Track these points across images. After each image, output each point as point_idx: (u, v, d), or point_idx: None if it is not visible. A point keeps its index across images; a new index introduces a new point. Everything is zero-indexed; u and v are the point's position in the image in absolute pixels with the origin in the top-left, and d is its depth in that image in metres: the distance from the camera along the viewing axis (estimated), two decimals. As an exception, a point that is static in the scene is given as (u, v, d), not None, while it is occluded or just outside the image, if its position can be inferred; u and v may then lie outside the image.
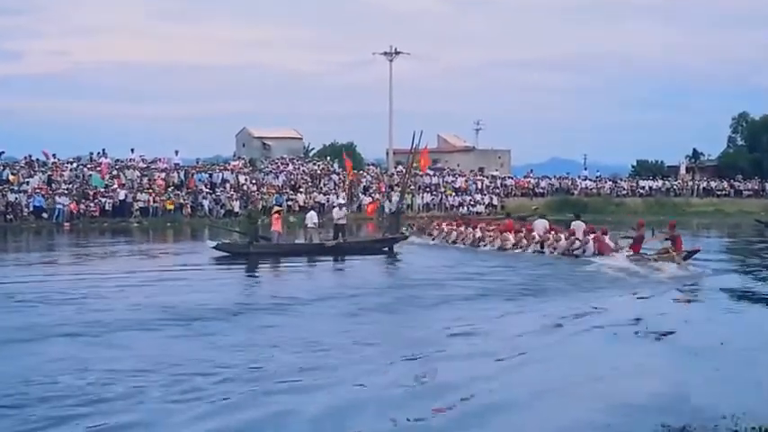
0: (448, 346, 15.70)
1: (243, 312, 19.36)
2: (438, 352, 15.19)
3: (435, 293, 22.73)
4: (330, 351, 14.96)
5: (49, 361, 13.97)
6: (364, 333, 16.98)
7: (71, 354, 14.51)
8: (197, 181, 60.35)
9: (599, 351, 15.69)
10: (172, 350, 14.94)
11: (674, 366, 14.66)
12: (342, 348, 15.20)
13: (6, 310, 19.40)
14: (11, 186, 52.36)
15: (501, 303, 21.22)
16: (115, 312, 18.72)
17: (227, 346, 15.24)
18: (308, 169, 68.81)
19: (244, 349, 15.02)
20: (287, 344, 15.50)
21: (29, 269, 29.52)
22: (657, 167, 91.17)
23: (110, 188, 55.55)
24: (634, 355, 15.24)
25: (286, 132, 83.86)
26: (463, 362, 14.42)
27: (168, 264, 31.45)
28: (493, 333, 17.25)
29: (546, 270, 28.76)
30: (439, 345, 15.76)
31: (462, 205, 67.38)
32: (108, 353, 14.68)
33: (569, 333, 17.35)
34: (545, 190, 75.68)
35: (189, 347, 15.25)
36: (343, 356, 14.57)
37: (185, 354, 14.56)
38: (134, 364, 13.67)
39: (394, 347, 15.61)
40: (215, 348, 15.10)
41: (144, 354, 14.57)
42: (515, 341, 16.17)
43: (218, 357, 14.23)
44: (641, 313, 19.35)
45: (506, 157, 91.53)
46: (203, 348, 15.10)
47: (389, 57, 79.04)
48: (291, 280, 27.77)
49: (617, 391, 12.73)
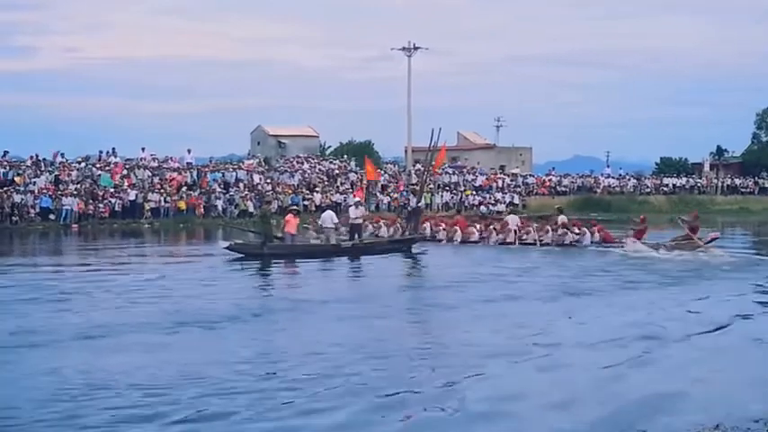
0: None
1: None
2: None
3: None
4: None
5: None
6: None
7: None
8: (210, 181, 59.05)
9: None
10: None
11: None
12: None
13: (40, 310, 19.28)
14: (17, 187, 50.80)
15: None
16: (125, 316, 18.30)
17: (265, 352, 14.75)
18: (324, 168, 67.26)
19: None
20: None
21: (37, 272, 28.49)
22: (681, 165, 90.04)
23: (120, 188, 54.03)
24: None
25: (302, 130, 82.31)
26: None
27: (180, 265, 30.82)
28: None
29: (591, 263, 30.92)
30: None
31: (483, 204, 65.97)
32: (121, 357, 14.32)
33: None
34: (567, 188, 74.65)
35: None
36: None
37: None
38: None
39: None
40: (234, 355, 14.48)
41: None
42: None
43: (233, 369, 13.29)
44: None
45: (528, 154, 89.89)
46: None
47: (408, 52, 77.63)
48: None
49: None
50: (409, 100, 77.74)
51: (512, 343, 15.71)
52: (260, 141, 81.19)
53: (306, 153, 73.53)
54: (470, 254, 35.44)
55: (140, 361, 13.94)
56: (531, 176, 76.85)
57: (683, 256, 32.00)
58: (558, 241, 37.42)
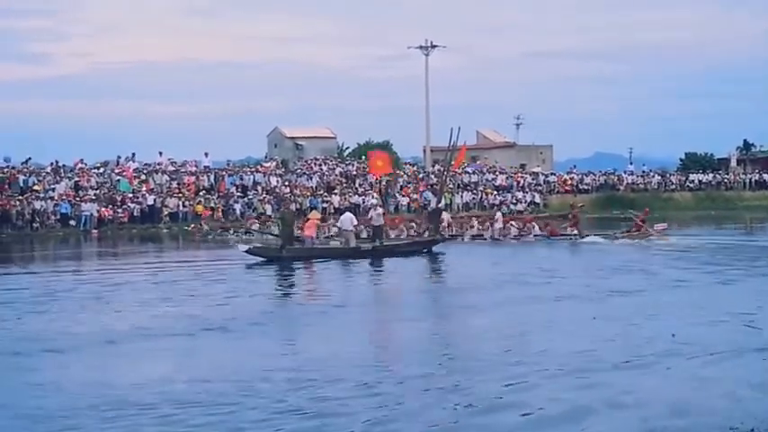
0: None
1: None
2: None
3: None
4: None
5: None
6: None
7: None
8: (228, 184, 58.71)
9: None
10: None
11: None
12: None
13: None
14: (37, 194, 50.60)
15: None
16: (145, 322, 18.23)
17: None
18: (342, 169, 66.78)
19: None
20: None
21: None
22: (707, 160, 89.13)
23: (138, 193, 53.72)
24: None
25: (319, 131, 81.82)
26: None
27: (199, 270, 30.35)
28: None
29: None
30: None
31: (503, 204, 65.38)
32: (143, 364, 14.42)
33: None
34: (589, 186, 73.74)
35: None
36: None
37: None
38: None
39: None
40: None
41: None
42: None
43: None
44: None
45: (548, 152, 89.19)
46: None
47: (425, 51, 77.24)
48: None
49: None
50: (427, 99, 77.55)
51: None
52: (277, 143, 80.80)
53: (323, 154, 73.05)
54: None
55: (162, 368, 13.83)
56: (552, 175, 76.12)
57: (637, 244, 37.45)
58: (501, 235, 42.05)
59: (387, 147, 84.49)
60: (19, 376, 13.49)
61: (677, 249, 34.85)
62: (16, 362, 14.63)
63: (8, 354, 15.15)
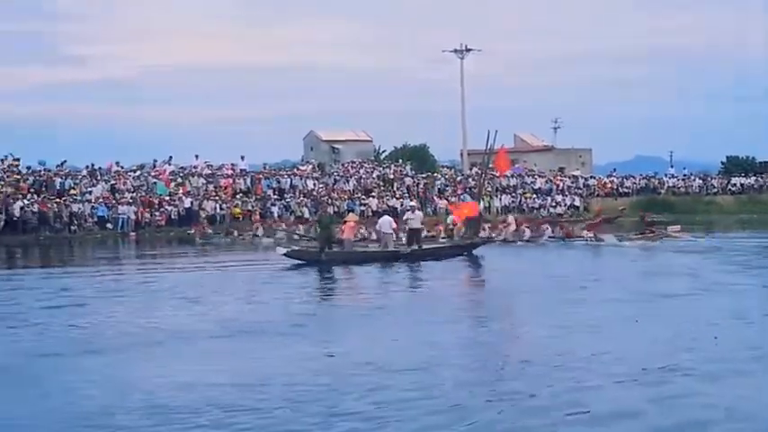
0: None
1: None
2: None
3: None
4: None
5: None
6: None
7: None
8: (265, 187, 58.56)
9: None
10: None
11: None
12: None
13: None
14: (74, 196, 50.66)
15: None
16: (184, 324, 18.14)
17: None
18: (379, 173, 66.44)
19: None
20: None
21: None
22: (749, 163, 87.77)
23: (175, 196, 53.63)
24: None
25: (355, 135, 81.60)
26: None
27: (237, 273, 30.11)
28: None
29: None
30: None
31: (543, 207, 64.92)
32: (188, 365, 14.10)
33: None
34: (630, 190, 73.06)
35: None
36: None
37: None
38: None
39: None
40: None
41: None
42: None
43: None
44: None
45: (587, 156, 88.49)
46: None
47: (459, 54, 76.88)
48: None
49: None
50: (463, 102, 77.17)
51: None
52: (313, 147, 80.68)
53: (360, 158, 72.78)
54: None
55: (206, 371, 13.51)
56: (591, 178, 75.48)
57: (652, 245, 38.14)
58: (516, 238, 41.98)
59: (423, 150, 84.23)
60: (61, 378, 13.26)
61: (712, 251, 35.15)
62: (61, 363, 14.42)
63: (51, 355, 14.99)
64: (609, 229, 43.38)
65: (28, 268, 35.46)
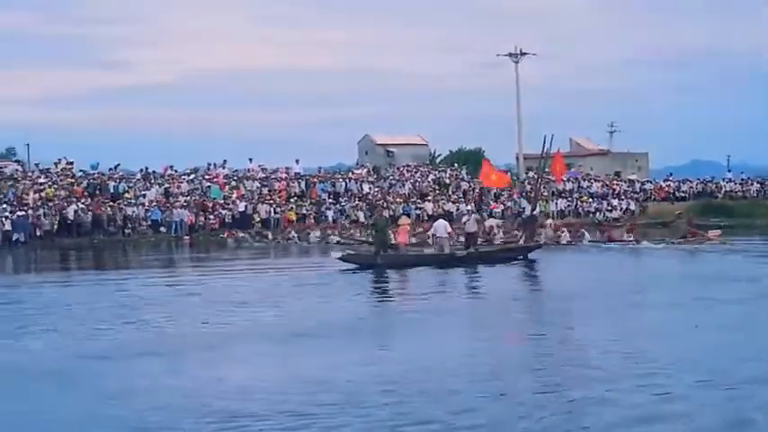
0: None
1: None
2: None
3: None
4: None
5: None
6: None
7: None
8: (319, 191, 58.26)
9: None
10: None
11: None
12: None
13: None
14: (128, 200, 50.80)
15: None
16: (242, 328, 18.30)
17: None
18: (435, 176, 66.03)
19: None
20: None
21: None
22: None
23: (229, 200, 53.58)
24: None
25: (410, 139, 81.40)
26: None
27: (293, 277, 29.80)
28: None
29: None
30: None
31: (599, 211, 64.25)
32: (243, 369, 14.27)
33: None
34: (686, 194, 72.02)
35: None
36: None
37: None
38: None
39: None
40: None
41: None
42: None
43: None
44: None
45: (644, 160, 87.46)
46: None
47: (514, 58, 76.42)
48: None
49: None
50: (519, 106, 76.66)
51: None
52: (368, 150, 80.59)
53: (415, 161, 72.46)
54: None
55: (267, 376, 13.53)
56: (648, 182, 74.61)
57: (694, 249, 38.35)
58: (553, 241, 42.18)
59: (479, 154, 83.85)
60: (114, 383, 13.17)
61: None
62: (115, 367, 14.43)
63: (105, 359, 15.01)
64: (658, 233, 44.56)
65: (82, 270, 35.85)
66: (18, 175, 52.41)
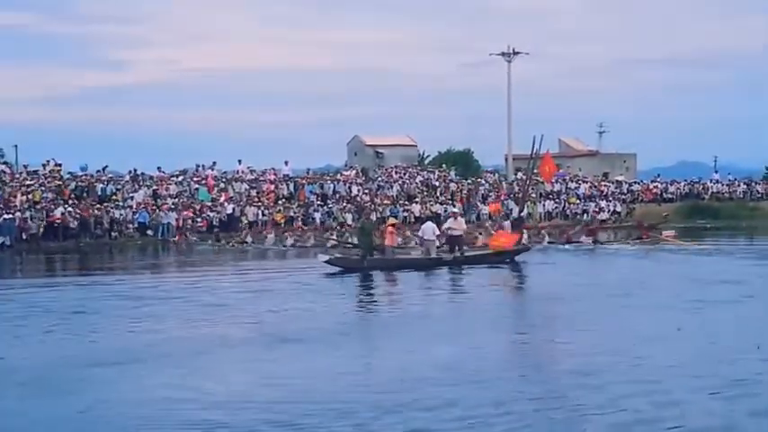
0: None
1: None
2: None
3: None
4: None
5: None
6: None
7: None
8: (308, 192, 58.22)
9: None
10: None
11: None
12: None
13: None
14: (116, 202, 50.68)
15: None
16: (225, 332, 18.26)
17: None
18: (423, 178, 66.03)
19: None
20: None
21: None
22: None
23: (217, 202, 53.53)
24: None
25: (400, 140, 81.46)
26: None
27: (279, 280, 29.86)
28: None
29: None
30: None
31: (586, 212, 64.41)
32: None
33: None
34: (674, 195, 72.26)
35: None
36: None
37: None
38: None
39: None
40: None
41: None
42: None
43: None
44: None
45: (632, 161, 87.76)
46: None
47: (507, 58, 76.40)
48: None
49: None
50: (509, 107, 76.66)
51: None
52: (357, 152, 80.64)
53: (404, 163, 72.47)
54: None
55: (254, 384, 13.39)
56: (636, 183, 74.80)
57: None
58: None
59: (468, 155, 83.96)
60: (108, 389, 13.09)
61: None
62: (107, 374, 14.25)
63: (99, 365, 14.81)
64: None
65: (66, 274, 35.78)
66: (5, 177, 52.27)
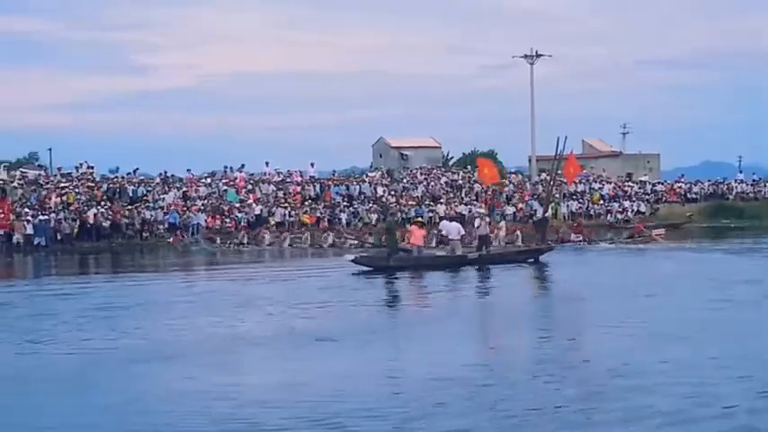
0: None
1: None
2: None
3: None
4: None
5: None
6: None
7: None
8: (334, 194, 58.85)
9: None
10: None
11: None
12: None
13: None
14: (147, 203, 51.59)
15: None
16: (252, 331, 18.45)
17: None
18: (447, 179, 66.57)
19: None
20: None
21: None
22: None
23: (245, 203, 54.29)
24: None
25: (424, 141, 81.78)
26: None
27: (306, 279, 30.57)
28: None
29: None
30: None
31: (610, 213, 64.66)
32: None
33: None
34: (698, 195, 72.25)
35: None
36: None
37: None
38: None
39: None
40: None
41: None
42: None
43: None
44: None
45: (655, 161, 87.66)
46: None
47: (530, 60, 76.62)
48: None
49: None
50: (533, 108, 76.71)
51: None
52: (382, 153, 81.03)
53: (428, 164, 72.96)
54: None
55: (283, 383, 13.43)
56: (659, 184, 74.95)
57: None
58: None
59: (492, 156, 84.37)
60: (135, 387, 13.23)
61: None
62: (139, 371, 14.47)
63: (132, 361, 15.11)
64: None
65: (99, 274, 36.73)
66: (40, 180, 53.33)
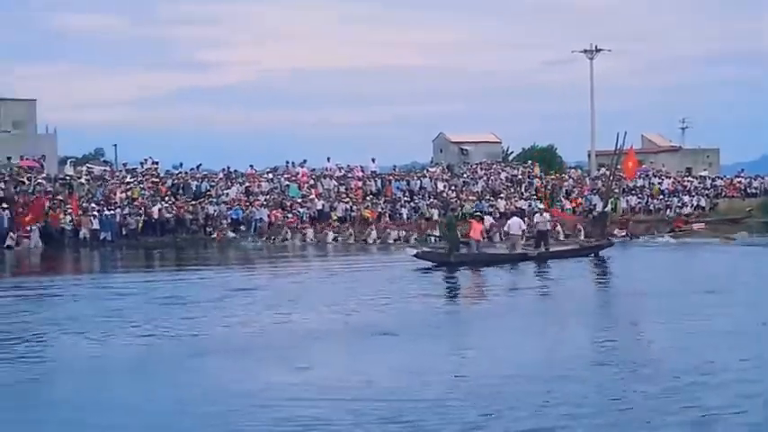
0: None
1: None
2: None
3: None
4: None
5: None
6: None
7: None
8: (395, 189, 59.22)
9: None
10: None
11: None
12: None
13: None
14: (210, 198, 52.42)
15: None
16: (317, 325, 18.50)
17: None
18: (507, 174, 66.84)
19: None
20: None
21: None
22: None
23: (307, 198, 54.97)
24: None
25: (484, 137, 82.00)
26: None
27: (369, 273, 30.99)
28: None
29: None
30: None
31: (669, 208, 64.53)
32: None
33: None
34: (758, 190, 71.69)
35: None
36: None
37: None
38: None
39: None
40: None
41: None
42: None
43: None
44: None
45: (715, 156, 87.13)
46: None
47: (590, 55, 76.47)
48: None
49: None
50: (592, 103, 76.51)
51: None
52: (442, 149, 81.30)
53: (488, 159, 73.22)
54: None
55: (351, 378, 13.47)
56: (719, 178, 74.54)
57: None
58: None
59: (551, 151, 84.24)
60: (193, 380, 13.47)
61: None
62: (197, 364, 14.65)
63: (203, 354, 15.35)
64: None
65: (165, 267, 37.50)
66: (106, 175, 54.40)
